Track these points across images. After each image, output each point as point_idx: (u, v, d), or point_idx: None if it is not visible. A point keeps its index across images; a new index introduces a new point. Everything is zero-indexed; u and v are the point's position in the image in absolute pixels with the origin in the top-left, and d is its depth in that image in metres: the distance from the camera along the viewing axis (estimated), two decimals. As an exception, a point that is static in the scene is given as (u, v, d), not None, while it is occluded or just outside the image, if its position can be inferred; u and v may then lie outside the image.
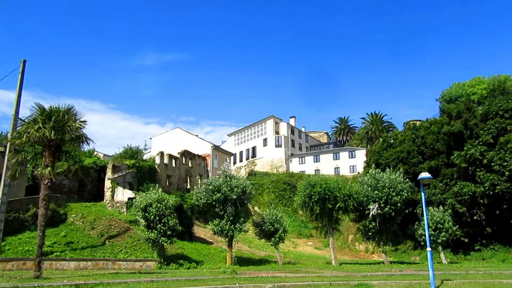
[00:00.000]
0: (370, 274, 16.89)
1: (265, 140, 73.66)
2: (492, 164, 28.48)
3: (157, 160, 37.70)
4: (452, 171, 33.00)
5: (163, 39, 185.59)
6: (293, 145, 74.61)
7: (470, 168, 30.61)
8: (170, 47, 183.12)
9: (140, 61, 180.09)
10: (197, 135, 61.06)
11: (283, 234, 24.92)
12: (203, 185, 24.16)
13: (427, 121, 40.85)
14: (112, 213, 26.89)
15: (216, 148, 57.53)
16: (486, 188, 28.64)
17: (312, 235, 44.39)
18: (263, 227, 24.73)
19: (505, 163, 27.53)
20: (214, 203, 23.01)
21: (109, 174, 31.26)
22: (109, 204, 28.81)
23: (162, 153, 38.76)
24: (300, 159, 71.43)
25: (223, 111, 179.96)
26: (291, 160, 71.54)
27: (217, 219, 22.99)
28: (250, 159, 75.38)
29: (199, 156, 47.32)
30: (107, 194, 30.18)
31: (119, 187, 30.17)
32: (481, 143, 30.33)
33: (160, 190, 22.56)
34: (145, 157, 47.67)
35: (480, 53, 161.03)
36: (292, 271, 18.29)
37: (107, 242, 22.37)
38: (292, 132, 75.78)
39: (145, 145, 69.49)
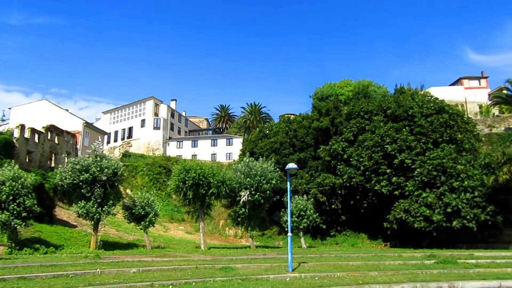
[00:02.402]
0: (236, 258, 17.58)
1: (143, 121, 71.13)
2: (351, 159, 31.60)
3: (16, 134, 33.60)
4: (318, 164, 35.90)
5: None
6: (172, 129, 73.41)
7: (332, 161, 33.58)
8: (41, 9, 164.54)
9: (2, 20, 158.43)
10: (67, 110, 55.99)
11: (154, 218, 24.40)
12: (69, 164, 22.36)
13: (300, 115, 43.72)
14: (-46, 191, 23.28)
15: (88, 125, 53.56)
16: (344, 180, 31.75)
17: (184, 220, 44.40)
18: (134, 211, 23.87)
19: (361, 159, 30.78)
20: (81, 183, 21.46)
21: (-48, 145, 26.96)
22: (-49, 180, 24.85)
23: (22, 126, 34.64)
24: (178, 143, 70.67)
25: (101, 87, 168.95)
26: (168, 144, 70.35)
27: (83, 200, 21.50)
28: (126, 139, 72.17)
29: (68, 132, 43.62)
30: (-51, 168, 25.98)
31: (-36, 161, 26.23)
32: (343, 139, 33.44)
33: (16, 167, 20.28)
34: (1, 129, 42.21)
35: (351, 57, 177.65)
36: (159, 255, 18.08)
37: None
38: (172, 116, 74.48)
39: (3, 115, 61.69)
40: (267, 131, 42.85)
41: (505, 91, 51.12)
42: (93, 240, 22.00)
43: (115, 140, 73.42)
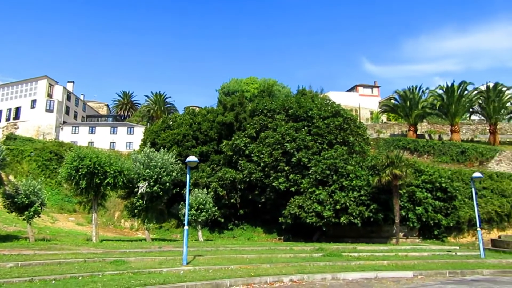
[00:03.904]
0: (129, 251, 16.98)
1: (33, 101, 64.97)
2: (252, 155, 32.35)
3: None
4: (220, 158, 36.14)
5: None
6: (67, 112, 68.17)
7: (234, 156, 34.07)
8: None
9: None
10: None
11: (39, 208, 22.47)
12: None
13: (205, 109, 43.57)
14: None
15: (-34, 101, 47.51)
16: (244, 175, 32.41)
17: (75, 210, 41.63)
18: (16, 199, 21.75)
19: (262, 155, 31.67)
20: (-49, 167, 18.96)
21: None
22: None
23: None
24: (74, 128, 65.92)
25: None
26: (62, 128, 65.27)
27: (-48, 187, 19.03)
28: (12, 121, 65.34)
29: None
30: None
31: None
32: (246, 135, 34.11)
33: None
34: None
35: (259, 55, 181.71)
36: (44, 248, 16.71)
37: None
38: (68, 98, 69.18)
39: None
40: (171, 122, 41.96)
41: (393, 101, 56.38)
42: (-36, 231, 19.60)
43: (-2, 121, 66.16)
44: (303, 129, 31.96)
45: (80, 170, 22.58)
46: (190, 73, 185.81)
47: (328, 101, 37.18)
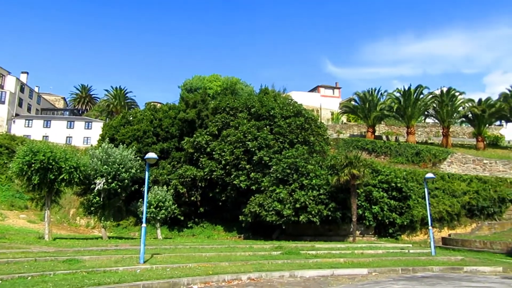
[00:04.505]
0: (84, 249, 16.46)
1: (-17, 92, 61.67)
2: (214, 153, 32.20)
3: None
4: (181, 155, 35.71)
5: None
6: (20, 105, 65.14)
7: (195, 154, 33.78)
8: None
9: None
10: None
11: (-13, 205, 21.40)
12: None
13: (167, 105, 42.89)
14: None
15: None
16: (205, 173, 32.21)
17: (27, 207, 39.91)
18: (-39, 195, 20.59)
19: (223, 153, 31.58)
20: None
21: None
22: None
23: None
24: (27, 121, 63.06)
25: None
26: (14, 121, 62.31)
27: None
28: (-41, 112, 61.71)
29: None
30: None
31: None
32: (208, 133, 33.89)
33: None
34: None
35: (222, 53, 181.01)
36: (-9, 247, 15.91)
37: None
38: (22, 90, 66.12)
39: None
40: (131, 118, 40.95)
41: (352, 102, 57.69)
42: None
43: None
44: (265, 128, 32.14)
45: (33, 165, 21.59)
46: (152, 69, 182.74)
47: (290, 100, 37.56)
